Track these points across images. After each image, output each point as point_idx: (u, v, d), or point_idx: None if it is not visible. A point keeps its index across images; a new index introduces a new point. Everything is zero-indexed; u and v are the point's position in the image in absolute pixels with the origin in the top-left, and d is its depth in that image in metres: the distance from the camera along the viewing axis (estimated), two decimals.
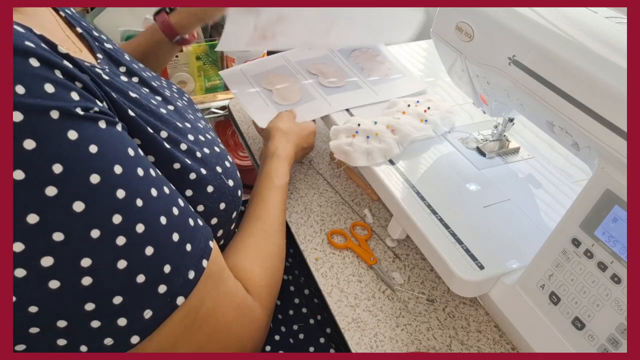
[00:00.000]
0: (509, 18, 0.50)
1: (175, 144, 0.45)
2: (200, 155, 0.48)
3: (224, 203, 0.49)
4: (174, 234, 0.39)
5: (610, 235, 0.42)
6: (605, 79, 0.41)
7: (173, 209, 0.40)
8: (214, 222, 0.49)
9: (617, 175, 0.42)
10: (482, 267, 0.52)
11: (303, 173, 0.78)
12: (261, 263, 0.52)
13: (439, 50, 0.64)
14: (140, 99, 0.45)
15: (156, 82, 0.56)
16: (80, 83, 0.35)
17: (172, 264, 0.38)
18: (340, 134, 0.70)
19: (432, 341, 0.55)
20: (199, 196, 0.46)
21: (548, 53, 0.45)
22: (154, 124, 0.44)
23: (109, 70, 0.46)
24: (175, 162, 0.44)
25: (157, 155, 0.43)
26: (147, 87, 0.51)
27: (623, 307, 0.41)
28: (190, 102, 0.63)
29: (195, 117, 0.57)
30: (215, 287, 0.43)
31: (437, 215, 0.58)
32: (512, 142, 0.70)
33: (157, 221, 0.37)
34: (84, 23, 0.54)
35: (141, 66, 0.58)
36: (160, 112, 0.46)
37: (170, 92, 0.57)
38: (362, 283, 0.61)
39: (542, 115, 0.51)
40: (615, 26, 0.44)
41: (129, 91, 0.44)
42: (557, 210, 0.60)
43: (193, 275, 0.40)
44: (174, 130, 0.46)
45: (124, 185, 0.35)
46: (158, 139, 0.43)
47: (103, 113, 0.36)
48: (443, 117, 0.72)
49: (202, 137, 0.51)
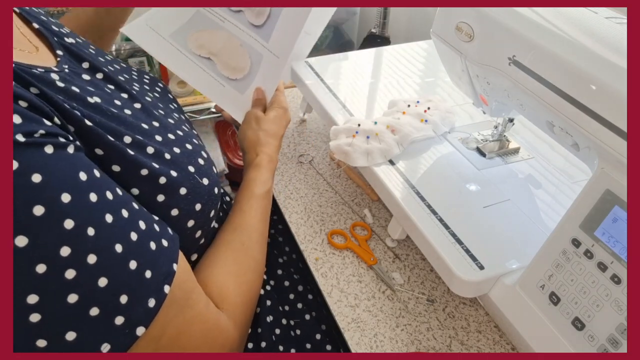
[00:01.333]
0: (509, 18, 0.50)
1: (141, 148, 0.43)
2: (170, 156, 0.45)
3: (200, 204, 0.47)
4: (132, 262, 0.36)
5: (610, 236, 0.42)
6: (605, 79, 0.40)
7: (131, 235, 0.37)
8: (190, 224, 0.47)
9: (617, 176, 0.42)
10: (482, 267, 0.52)
11: (303, 173, 0.78)
12: (236, 278, 0.50)
13: (439, 50, 0.64)
14: (100, 103, 0.43)
15: (123, 76, 0.53)
16: (25, 102, 0.33)
17: (129, 294, 0.36)
18: (340, 134, 0.70)
19: (432, 341, 0.55)
20: (171, 200, 0.44)
21: (548, 53, 0.45)
22: (115, 130, 0.42)
23: (68, 70, 0.44)
24: (142, 168, 0.42)
25: (122, 163, 0.40)
26: (112, 83, 0.49)
27: (623, 308, 0.41)
28: (164, 92, 0.60)
29: (167, 111, 0.54)
30: (180, 312, 0.41)
31: (437, 215, 0.58)
32: (512, 142, 0.70)
33: (111, 250, 0.35)
34: (43, 17, 0.51)
35: (108, 58, 0.55)
36: (124, 115, 0.45)
37: (140, 86, 0.55)
38: (362, 283, 0.61)
39: (542, 116, 0.51)
40: (615, 26, 0.44)
41: (88, 96, 0.42)
42: (557, 210, 0.60)
43: (154, 304, 0.38)
44: (139, 133, 0.44)
45: (72, 215, 0.33)
46: (120, 147, 0.41)
47: (50, 135, 0.33)
48: (443, 117, 0.72)
49: (172, 135, 0.49)
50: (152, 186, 0.42)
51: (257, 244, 0.55)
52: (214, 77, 0.68)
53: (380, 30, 1.22)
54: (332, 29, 1.37)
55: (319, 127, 0.89)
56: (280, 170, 0.79)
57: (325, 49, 1.38)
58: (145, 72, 0.61)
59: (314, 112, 0.89)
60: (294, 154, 0.82)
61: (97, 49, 0.56)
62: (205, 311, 0.43)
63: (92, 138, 0.39)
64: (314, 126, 0.89)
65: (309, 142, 0.85)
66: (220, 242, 0.53)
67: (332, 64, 0.90)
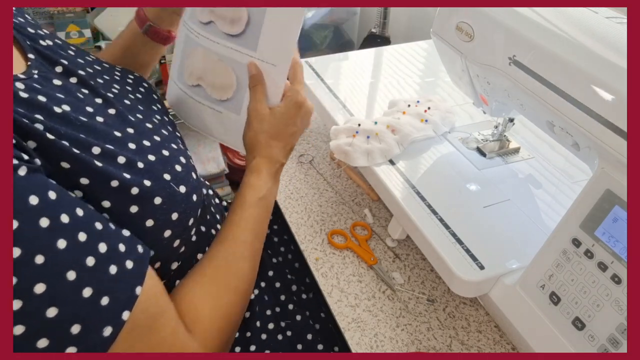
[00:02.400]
0: (509, 18, 0.50)
1: (111, 158, 0.41)
2: (143, 165, 0.43)
3: (177, 212, 0.44)
4: (85, 289, 0.34)
5: (610, 235, 0.42)
6: (605, 79, 0.41)
7: (87, 260, 0.35)
8: (167, 234, 0.44)
9: (617, 175, 0.42)
10: (482, 267, 0.52)
11: (303, 173, 0.78)
12: (214, 300, 0.46)
13: (439, 50, 0.64)
14: (69, 112, 0.41)
15: (103, 77, 0.51)
16: None
17: (82, 323, 0.34)
18: (340, 134, 0.70)
19: (433, 341, 0.55)
20: (145, 211, 0.42)
21: (548, 53, 0.45)
22: (82, 141, 0.40)
23: (38, 75, 0.42)
24: (113, 180, 0.40)
25: (90, 176, 0.39)
26: (86, 87, 0.47)
27: (623, 307, 0.41)
28: (148, 92, 0.57)
29: (147, 114, 0.51)
30: (142, 338, 0.38)
31: (437, 215, 0.58)
32: (513, 142, 0.70)
33: (62, 278, 0.33)
34: (20, 19, 0.50)
35: (90, 59, 0.53)
36: (94, 123, 0.43)
37: (121, 87, 0.52)
38: (362, 283, 0.61)
39: (543, 115, 0.51)
40: (616, 26, 0.44)
41: (55, 105, 0.40)
42: (558, 210, 0.60)
43: (110, 332, 0.35)
44: (110, 142, 0.42)
45: (19, 242, 0.31)
46: (87, 159, 0.39)
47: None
48: (443, 117, 0.72)
49: (148, 141, 0.46)
50: (124, 197, 0.40)
51: (243, 260, 0.50)
52: (208, 105, 0.61)
53: (381, 30, 1.22)
54: (332, 29, 1.37)
55: (319, 127, 0.89)
56: None
57: (325, 48, 1.38)
58: (130, 72, 0.58)
59: (314, 112, 0.89)
60: (294, 154, 0.82)
61: (80, 50, 0.54)
62: (171, 337, 0.41)
63: (55, 152, 0.37)
64: (314, 126, 0.89)
65: (309, 142, 0.85)
66: (205, 257, 0.50)
67: (332, 63, 0.91)
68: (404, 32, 1.29)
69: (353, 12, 1.36)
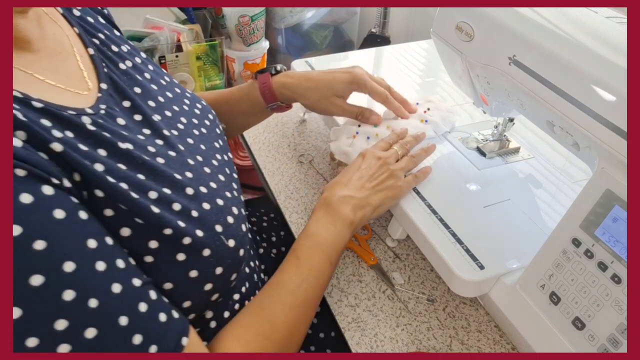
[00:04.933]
0: (509, 18, 0.50)
1: (167, 204, 0.40)
2: (197, 214, 0.42)
3: (221, 267, 0.43)
4: (136, 336, 0.34)
5: (610, 235, 0.42)
6: (605, 79, 0.40)
7: (139, 305, 0.35)
8: (207, 287, 0.43)
9: (618, 175, 0.42)
10: (482, 267, 0.52)
11: (303, 173, 0.78)
12: (245, 346, 0.44)
13: (439, 50, 0.64)
14: (132, 150, 0.41)
15: (170, 110, 0.51)
16: (28, 164, 0.32)
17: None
18: (341, 134, 0.70)
19: (433, 341, 0.55)
20: (192, 261, 0.41)
21: (548, 53, 0.45)
22: (141, 184, 0.40)
23: (105, 111, 0.43)
24: (166, 228, 0.39)
25: (145, 219, 0.38)
26: (149, 127, 0.46)
27: (623, 307, 0.41)
28: (213, 126, 0.56)
29: (208, 154, 0.51)
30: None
31: (437, 215, 0.58)
32: (513, 142, 0.70)
33: (115, 323, 0.33)
34: (107, 32, 0.50)
35: (163, 83, 0.53)
36: (156, 164, 0.42)
37: (187, 121, 0.52)
38: (362, 283, 0.61)
39: (543, 115, 0.51)
40: (616, 26, 0.44)
41: (119, 141, 0.40)
42: (558, 210, 0.60)
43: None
44: (168, 186, 0.42)
45: (74, 285, 0.31)
46: (144, 204, 0.38)
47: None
48: (444, 117, 0.72)
49: (205, 187, 0.45)
50: (174, 245, 0.40)
51: (281, 305, 0.47)
52: None
53: (381, 30, 1.22)
54: (332, 29, 1.37)
55: (319, 127, 0.89)
56: (280, 170, 0.79)
57: (325, 48, 1.38)
58: (198, 99, 0.58)
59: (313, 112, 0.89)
60: (294, 154, 0.82)
61: (158, 70, 0.54)
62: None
63: (114, 195, 0.37)
64: (314, 126, 0.89)
65: (309, 142, 0.85)
66: (248, 303, 0.48)
67: (332, 63, 0.91)
68: (404, 32, 1.29)
69: (353, 12, 1.36)
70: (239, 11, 1.17)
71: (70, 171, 0.35)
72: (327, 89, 0.67)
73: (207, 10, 1.25)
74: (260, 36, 1.24)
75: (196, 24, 1.21)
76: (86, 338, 0.32)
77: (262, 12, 1.21)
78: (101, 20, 0.53)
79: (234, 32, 1.20)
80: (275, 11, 1.24)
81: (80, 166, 0.35)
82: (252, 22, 1.19)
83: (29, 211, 0.30)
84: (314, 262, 0.51)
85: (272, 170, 0.79)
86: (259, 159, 0.81)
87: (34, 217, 0.31)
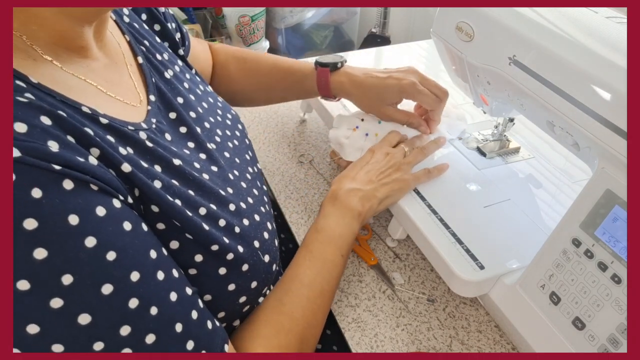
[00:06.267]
0: (509, 18, 0.50)
1: (214, 220, 0.41)
2: (239, 230, 0.43)
3: (256, 281, 0.44)
4: (189, 342, 0.36)
5: (610, 235, 0.42)
6: (605, 78, 0.40)
7: (192, 313, 0.37)
8: (242, 300, 0.44)
9: (618, 175, 0.42)
10: (483, 267, 0.52)
11: (303, 173, 0.78)
12: (264, 341, 0.45)
13: (439, 50, 0.64)
14: (183, 166, 0.42)
15: (209, 120, 0.51)
16: (98, 180, 0.33)
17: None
18: (342, 123, 0.70)
19: (433, 341, 0.55)
20: (232, 275, 0.42)
21: (548, 53, 0.45)
22: (193, 200, 0.41)
23: (155, 125, 0.43)
24: (214, 244, 0.40)
25: (195, 235, 0.39)
26: (192, 139, 0.47)
27: (623, 307, 0.41)
28: (242, 136, 0.56)
29: (242, 168, 0.51)
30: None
31: (437, 215, 0.58)
32: (513, 142, 0.70)
33: (172, 329, 0.35)
34: (149, 39, 0.50)
35: (199, 93, 0.53)
36: (203, 180, 0.43)
37: (222, 133, 0.52)
38: (362, 283, 0.61)
39: (543, 115, 0.51)
40: (616, 26, 0.44)
41: (173, 158, 0.41)
42: (558, 210, 0.60)
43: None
44: (215, 202, 0.43)
45: (137, 294, 0.33)
46: (196, 221, 0.39)
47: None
48: (450, 124, 0.71)
49: (244, 203, 0.46)
50: (218, 260, 0.41)
51: (298, 298, 0.48)
52: None
53: (381, 30, 1.22)
54: (333, 29, 1.37)
55: (319, 127, 0.89)
56: (280, 171, 0.79)
57: (325, 49, 1.38)
58: (229, 109, 0.58)
59: (314, 112, 0.89)
60: (294, 154, 0.82)
61: (194, 78, 0.54)
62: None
63: (170, 212, 0.38)
64: (314, 126, 0.89)
65: (309, 142, 0.85)
66: (264, 299, 0.49)
67: None
68: (404, 32, 1.29)
69: (353, 12, 1.36)
70: (239, 11, 1.17)
71: (132, 187, 0.36)
72: (377, 97, 0.66)
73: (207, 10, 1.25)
74: (260, 36, 1.24)
75: (196, 24, 1.21)
76: (146, 343, 0.33)
77: (262, 12, 1.21)
78: (145, 26, 0.53)
79: (234, 32, 1.20)
80: (276, 11, 1.24)
81: (142, 184, 0.36)
82: (252, 22, 1.19)
83: (103, 223, 0.31)
84: (327, 255, 0.52)
85: (272, 170, 0.79)
86: (259, 158, 0.81)
87: (107, 229, 0.32)
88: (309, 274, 0.50)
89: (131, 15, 0.51)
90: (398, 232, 0.64)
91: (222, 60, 0.73)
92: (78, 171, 0.31)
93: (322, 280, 0.50)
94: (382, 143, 0.65)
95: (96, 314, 0.31)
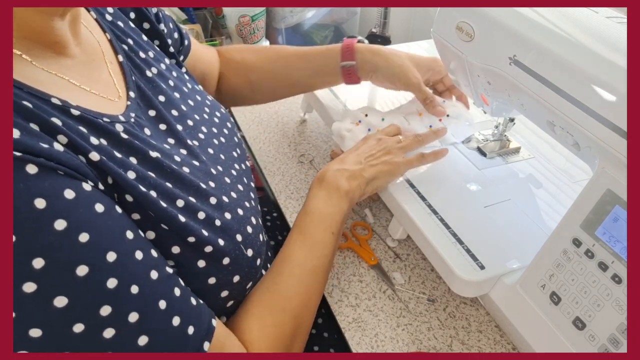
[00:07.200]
0: (509, 18, 0.50)
1: (192, 213, 0.41)
2: (220, 223, 0.43)
3: (239, 276, 0.44)
4: (175, 318, 0.36)
5: (611, 235, 0.42)
6: (605, 78, 0.40)
7: (174, 290, 0.37)
8: (224, 294, 0.44)
9: (618, 175, 0.42)
10: (483, 267, 0.52)
11: (303, 173, 0.78)
12: (259, 320, 0.46)
13: (439, 50, 0.64)
14: (161, 158, 0.42)
15: (192, 119, 0.51)
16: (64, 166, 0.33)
17: (170, 351, 0.36)
18: (346, 117, 0.70)
19: (433, 341, 0.55)
20: (211, 268, 0.42)
21: (548, 53, 0.45)
22: (170, 192, 0.41)
23: (134, 119, 0.43)
24: (190, 236, 0.40)
25: (170, 226, 0.39)
26: (173, 137, 0.47)
27: (623, 307, 0.41)
28: (231, 133, 0.57)
29: (228, 164, 0.52)
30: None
31: (437, 215, 0.58)
32: (513, 142, 0.70)
33: (156, 306, 0.35)
34: (135, 38, 0.51)
35: (185, 91, 0.53)
36: (182, 173, 0.43)
37: (207, 130, 0.52)
38: (362, 283, 0.61)
39: (543, 115, 0.51)
40: (616, 26, 0.44)
41: (150, 150, 0.41)
42: (558, 210, 0.60)
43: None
44: (194, 195, 0.43)
45: (115, 274, 0.33)
46: (172, 213, 0.39)
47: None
48: (457, 127, 0.70)
49: (227, 197, 0.46)
50: (196, 252, 0.41)
51: (291, 278, 0.49)
52: None
53: (381, 30, 1.22)
54: (333, 29, 1.37)
55: (319, 127, 0.89)
56: (280, 170, 0.79)
57: None
58: (218, 107, 0.58)
59: (314, 112, 0.89)
60: (294, 154, 0.82)
61: (182, 76, 0.55)
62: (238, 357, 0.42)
63: (144, 203, 0.38)
64: (315, 126, 0.89)
65: (309, 142, 0.85)
66: (259, 282, 0.49)
67: None
68: (404, 32, 1.29)
69: (353, 12, 1.36)
70: (239, 11, 1.17)
71: (104, 176, 0.36)
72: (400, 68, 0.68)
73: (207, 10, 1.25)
74: (260, 36, 1.24)
75: (196, 24, 1.21)
76: (130, 322, 0.33)
77: (262, 12, 1.21)
78: (131, 24, 0.53)
79: (234, 32, 1.20)
80: (276, 11, 1.24)
81: (114, 173, 0.36)
82: (253, 22, 1.19)
83: (73, 206, 0.31)
84: (317, 234, 0.53)
85: (273, 170, 0.79)
86: (259, 158, 0.82)
87: (77, 212, 0.31)
88: (300, 254, 0.51)
89: (116, 13, 0.51)
90: (398, 232, 0.64)
91: (238, 54, 0.74)
92: (42, 157, 0.30)
93: (313, 257, 0.51)
94: (378, 132, 0.66)
95: (72, 296, 0.31)
